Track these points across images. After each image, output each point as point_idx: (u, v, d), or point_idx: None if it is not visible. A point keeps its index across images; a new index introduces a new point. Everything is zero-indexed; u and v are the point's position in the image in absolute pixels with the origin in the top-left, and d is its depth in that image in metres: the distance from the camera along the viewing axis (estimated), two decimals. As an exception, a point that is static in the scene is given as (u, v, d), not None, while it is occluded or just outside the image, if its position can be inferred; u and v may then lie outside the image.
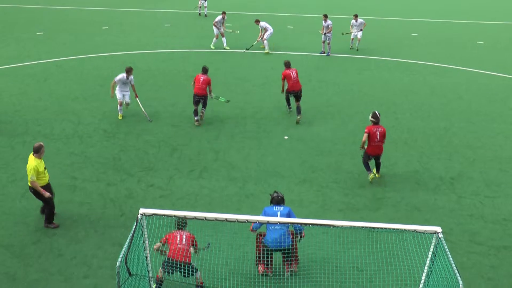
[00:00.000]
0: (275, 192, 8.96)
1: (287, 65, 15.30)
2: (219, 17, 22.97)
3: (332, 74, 20.07)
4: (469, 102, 17.52)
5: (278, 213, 8.59)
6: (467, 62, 22.35)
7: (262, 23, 22.61)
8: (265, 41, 22.59)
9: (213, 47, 23.19)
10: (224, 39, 23.08)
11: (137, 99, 15.12)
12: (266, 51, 22.64)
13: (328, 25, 22.02)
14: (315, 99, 17.12)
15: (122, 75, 14.69)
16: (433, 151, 13.78)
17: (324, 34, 22.33)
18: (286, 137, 14.27)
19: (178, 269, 7.97)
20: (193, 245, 8.41)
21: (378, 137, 11.54)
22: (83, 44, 22.89)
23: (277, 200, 8.77)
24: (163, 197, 11.18)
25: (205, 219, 6.91)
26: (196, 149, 13.41)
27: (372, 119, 11.66)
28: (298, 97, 15.17)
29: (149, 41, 23.97)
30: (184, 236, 8.37)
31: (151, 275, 7.40)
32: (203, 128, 14.62)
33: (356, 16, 23.17)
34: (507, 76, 20.69)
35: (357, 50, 23.42)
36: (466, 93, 18.47)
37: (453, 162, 13.19)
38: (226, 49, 23.02)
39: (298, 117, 15.02)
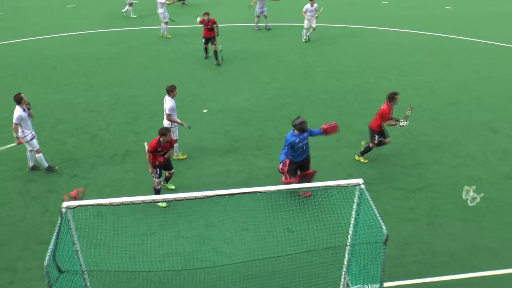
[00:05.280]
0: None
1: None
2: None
3: (243, 44, 20.03)
4: (381, 59, 18.32)
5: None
6: (375, 21, 23.23)
7: None
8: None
9: (125, 14, 23.39)
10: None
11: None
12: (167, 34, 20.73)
13: None
14: (228, 68, 17.09)
15: None
16: (351, 108, 14.33)
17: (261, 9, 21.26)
18: (205, 111, 14.18)
19: None
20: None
21: None
22: (-23, 34, 21.10)
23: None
24: (87, 186, 10.76)
25: (132, 203, 6.74)
26: (116, 133, 12.99)
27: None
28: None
29: (52, 24, 22.52)
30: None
31: (84, 269, 7.17)
32: (121, 111, 14.16)
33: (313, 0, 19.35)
34: (413, 31, 21.82)
35: (308, 41, 20.25)
36: (378, 50, 19.26)
37: (370, 116, 13.77)
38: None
39: None
